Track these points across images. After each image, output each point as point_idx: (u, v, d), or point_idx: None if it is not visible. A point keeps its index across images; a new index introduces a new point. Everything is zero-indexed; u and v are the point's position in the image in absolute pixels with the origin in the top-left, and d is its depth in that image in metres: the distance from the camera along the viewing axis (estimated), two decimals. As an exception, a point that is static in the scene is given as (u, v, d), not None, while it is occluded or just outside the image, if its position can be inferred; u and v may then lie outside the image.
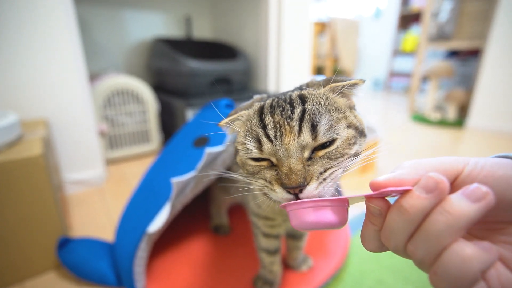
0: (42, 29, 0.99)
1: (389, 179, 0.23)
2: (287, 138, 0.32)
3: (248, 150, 0.35)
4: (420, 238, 0.21)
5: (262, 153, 0.34)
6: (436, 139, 1.94)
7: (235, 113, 0.39)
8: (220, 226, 0.87)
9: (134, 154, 1.53)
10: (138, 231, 0.64)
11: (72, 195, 1.15)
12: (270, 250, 0.61)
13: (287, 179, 0.31)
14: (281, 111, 0.34)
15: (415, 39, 3.54)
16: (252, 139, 0.35)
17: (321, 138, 0.32)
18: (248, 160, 0.36)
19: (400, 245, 0.23)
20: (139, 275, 0.63)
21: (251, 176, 0.37)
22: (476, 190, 0.20)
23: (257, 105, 0.38)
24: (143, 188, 0.79)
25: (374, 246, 0.25)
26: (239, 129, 0.38)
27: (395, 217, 0.22)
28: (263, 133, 0.34)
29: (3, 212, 0.68)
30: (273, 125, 0.34)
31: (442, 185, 0.20)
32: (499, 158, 0.23)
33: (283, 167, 0.32)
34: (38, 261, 0.75)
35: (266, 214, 0.54)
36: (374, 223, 0.25)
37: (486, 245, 0.20)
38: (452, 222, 0.19)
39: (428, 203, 0.21)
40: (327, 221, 0.27)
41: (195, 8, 1.96)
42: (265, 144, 0.34)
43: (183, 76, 1.47)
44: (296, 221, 0.28)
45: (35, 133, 0.83)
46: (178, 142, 0.82)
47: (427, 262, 0.21)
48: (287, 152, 0.32)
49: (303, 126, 0.32)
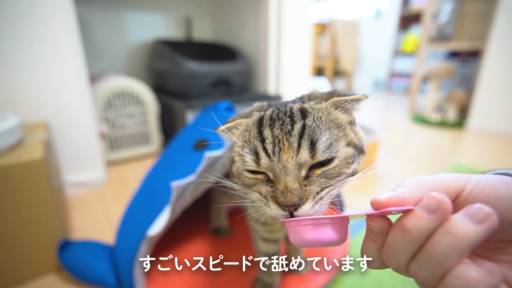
0: (42, 31, 0.99)
1: (391, 198, 0.22)
2: (285, 155, 0.32)
3: (244, 162, 0.34)
4: (422, 259, 0.21)
5: (259, 166, 0.33)
6: (436, 140, 1.94)
7: (233, 121, 0.38)
8: (220, 228, 0.87)
9: (134, 155, 1.54)
10: (138, 234, 0.64)
11: (73, 197, 1.16)
12: (269, 254, 0.61)
13: (283, 197, 0.31)
14: (280, 124, 0.33)
15: (415, 40, 3.54)
16: (250, 151, 0.34)
17: (320, 156, 0.32)
18: (244, 172, 0.35)
19: (402, 265, 0.22)
20: (139, 278, 0.64)
21: (247, 188, 0.36)
22: (479, 211, 0.19)
23: (256, 114, 0.37)
24: (143, 190, 0.79)
25: (375, 264, 0.25)
26: (236, 139, 0.38)
27: (397, 237, 0.22)
28: (261, 146, 0.33)
29: (4, 214, 0.68)
30: (272, 139, 0.33)
31: (445, 205, 0.20)
32: (500, 176, 0.22)
33: (279, 184, 0.32)
34: (39, 264, 0.75)
35: (265, 220, 0.54)
36: (375, 241, 0.24)
37: (491, 267, 0.19)
38: (456, 244, 0.19)
39: (430, 224, 0.20)
40: (327, 239, 0.27)
41: (195, 9, 1.96)
42: (263, 158, 0.33)
43: (183, 78, 1.47)
44: (295, 237, 0.28)
45: (36, 136, 0.84)
46: (178, 145, 0.82)
47: (430, 283, 0.21)
48: (284, 169, 0.32)
49: (302, 144, 0.32)
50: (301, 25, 1.68)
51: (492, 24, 1.95)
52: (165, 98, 1.58)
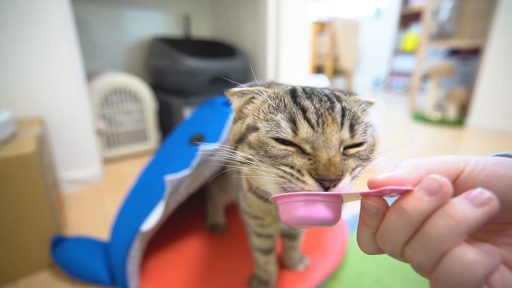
0: (39, 27, 0.98)
1: (389, 178, 0.22)
2: (329, 128, 0.31)
3: (278, 128, 0.32)
4: (419, 242, 0.20)
5: (295, 136, 0.31)
6: (436, 138, 1.93)
7: (254, 86, 0.37)
8: (216, 225, 0.86)
9: (131, 153, 1.52)
10: (132, 229, 0.63)
11: (69, 194, 1.14)
12: (263, 249, 0.60)
13: (326, 170, 0.29)
14: (319, 100, 0.33)
15: (415, 38, 3.53)
16: (286, 119, 0.32)
17: (357, 138, 0.33)
18: (271, 141, 0.32)
19: (397, 248, 0.22)
20: (132, 274, 0.62)
21: (270, 160, 0.32)
22: (480, 195, 0.19)
23: (284, 86, 0.37)
24: (138, 186, 0.78)
25: (371, 249, 0.24)
26: (253, 104, 0.37)
27: (394, 218, 0.21)
28: (302, 116, 0.31)
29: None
30: (315, 110, 0.32)
31: (446, 188, 0.19)
32: (500, 157, 0.22)
33: (321, 157, 0.30)
34: (31, 260, 0.74)
35: (255, 214, 0.53)
36: (369, 225, 0.23)
37: (489, 248, 0.19)
38: (454, 226, 0.19)
39: (430, 206, 0.20)
40: (319, 216, 0.26)
41: (193, 7, 1.95)
42: (304, 128, 0.31)
43: (181, 75, 1.46)
44: (285, 215, 0.27)
45: (29, 131, 0.83)
46: (174, 140, 0.81)
47: (426, 267, 0.20)
48: (327, 142, 0.31)
49: (344, 122, 0.32)
50: (300, 23, 1.67)
51: (493, 22, 1.93)
52: (163, 95, 1.57)
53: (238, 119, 0.40)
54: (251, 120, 0.35)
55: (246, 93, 0.37)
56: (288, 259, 0.69)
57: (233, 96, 0.38)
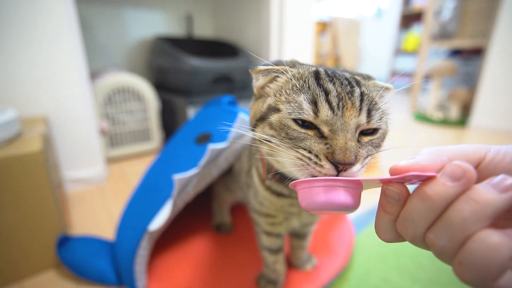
0: (43, 26, 0.98)
1: (412, 164, 0.22)
2: (348, 112, 0.32)
3: (300, 110, 0.32)
4: (442, 227, 0.20)
5: (316, 118, 0.32)
6: (438, 139, 1.93)
7: (279, 64, 0.37)
8: (223, 224, 0.85)
9: (134, 152, 1.52)
10: (139, 229, 0.63)
11: (73, 193, 1.14)
12: (272, 249, 0.59)
13: (341, 154, 0.30)
14: (340, 83, 0.34)
15: (416, 39, 3.53)
16: (308, 100, 0.33)
17: (373, 124, 0.33)
18: (292, 123, 0.33)
19: (419, 234, 0.22)
20: (140, 274, 0.62)
21: (290, 142, 0.33)
22: (504, 181, 0.19)
23: (308, 67, 0.37)
24: (144, 185, 0.78)
25: (390, 237, 0.24)
26: (277, 83, 0.37)
27: (416, 204, 0.21)
28: (324, 98, 0.32)
29: (2, 209, 0.66)
30: (336, 94, 0.32)
31: (470, 173, 0.20)
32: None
33: (338, 140, 0.31)
34: (37, 260, 0.74)
35: (267, 212, 0.52)
36: (389, 212, 0.23)
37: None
38: (478, 210, 0.19)
39: (453, 191, 0.20)
40: (339, 202, 0.26)
41: (196, 6, 1.95)
42: (324, 110, 0.32)
43: (184, 74, 1.46)
44: (306, 201, 0.27)
45: (35, 130, 0.82)
46: (180, 140, 0.81)
47: (448, 252, 0.20)
48: (345, 126, 0.31)
49: (363, 107, 0.33)
50: (303, 23, 1.67)
51: (495, 22, 1.93)
52: (166, 95, 1.57)
53: (259, 97, 0.40)
54: (273, 100, 0.36)
55: (271, 72, 0.38)
56: (296, 258, 0.69)
57: (258, 74, 0.39)
